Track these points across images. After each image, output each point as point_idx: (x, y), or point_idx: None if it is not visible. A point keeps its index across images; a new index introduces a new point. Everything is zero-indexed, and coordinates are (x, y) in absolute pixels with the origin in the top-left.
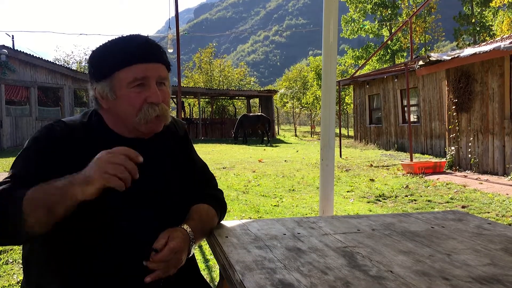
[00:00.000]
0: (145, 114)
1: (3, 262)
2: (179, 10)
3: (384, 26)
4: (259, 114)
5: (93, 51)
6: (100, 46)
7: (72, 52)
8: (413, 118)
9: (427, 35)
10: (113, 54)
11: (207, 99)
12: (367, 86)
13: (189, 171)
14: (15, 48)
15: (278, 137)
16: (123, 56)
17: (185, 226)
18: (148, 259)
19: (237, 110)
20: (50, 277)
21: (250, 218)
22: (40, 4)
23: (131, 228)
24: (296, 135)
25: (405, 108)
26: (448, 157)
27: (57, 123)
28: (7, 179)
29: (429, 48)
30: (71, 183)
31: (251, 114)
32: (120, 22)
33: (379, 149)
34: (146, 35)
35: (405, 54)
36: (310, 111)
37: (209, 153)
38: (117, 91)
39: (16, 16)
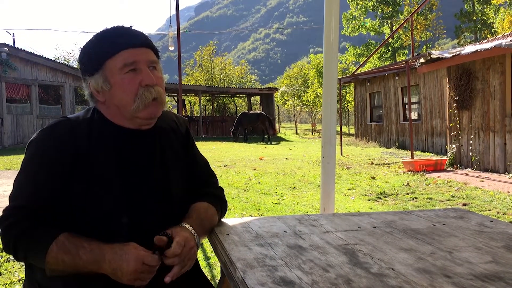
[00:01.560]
0: (142, 98)
1: (4, 260)
2: (180, 8)
3: (385, 24)
4: (259, 112)
5: (81, 49)
6: (87, 42)
7: (72, 50)
8: (414, 115)
9: (428, 33)
10: (99, 46)
11: (208, 97)
12: (368, 83)
13: (190, 167)
14: (16, 46)
15: (279, 135)
16: (110, 45)
17: (186, 225)
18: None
19: (238, 108)
20: (50, 277)
21: (251, 216)
22: (41, 2)
23: (135, 222)
24: (297, 133)
25: (406, 105)
26: (449, 155)
27: (60, 121)
28: (20, 205)
29: (430, 45)
30: (98, 265)
31: (250, 112)
32: (121, 20)
33: (380, 147)
34: (147, 33)
35: (406, 51)
36: (311, 108)
37: (210, 151)
38: (110, 79)
39: (17, 14)
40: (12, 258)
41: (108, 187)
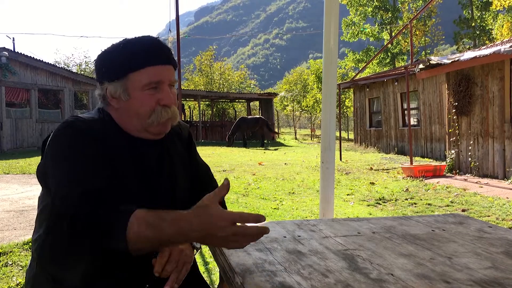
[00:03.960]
0: (158, 116)
1: (2, 264)
2: (180, 13)
3: (384, 30)
4: (258, 116)
5: (103, 51)
6: (111, 46)
7: (72, 54)
8: (413, 121)
9: (427, 39)
10: (126, 56)
11: (207, 102)
12: (367, 89)
13: (193, 172)
14: (16, 50)
15: (278, 140)
16: (137, 57)
17: None
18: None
19: (237, 113)
20: (68, 268)
21: None
22: (41, 7)
23: None
24: (296, 138)
25: (405, 111)
26: (448, 161)
27: (77, 119)
28: (78, 197)
29: (429, 51)
30: (186, 237)
31: (249, 117)
32: (121, 25)
33: (379, 152)
34: None
35: (405, 57)
36: (310, 114)
37: (209, 155)
38: (131, 92)
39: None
40: (11, 262)
41: (124, 187)
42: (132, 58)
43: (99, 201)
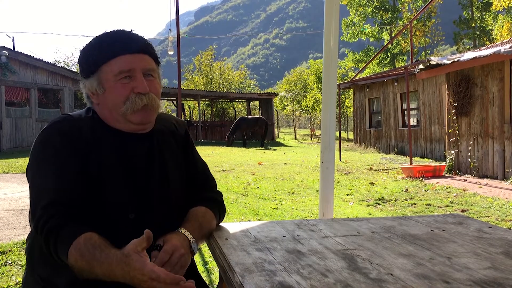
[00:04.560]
0: (132, 104)
1: (1, 263)
2: (180, 12)
3: (384, 30)
4: (258, 116)
5: (80, 50)
6: (86, 44)
7: (72, 54)
8: (413, 121)
9: (427, 39)
10: (97, 49)
11: (207, 102)
12: (367, 89)
13: (190, 170)
14: (16, 50)
15: (278, 140)
16: (107, 49)
17: (183, 230)
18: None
19: (237, 113)
20: (55, 269)
21: (250, 221)
22: (41, 6)
23: (135, 223)
24: (296, 138)
25: (405, 111)
26: (447, 161)
27: (64, 118)
28: (47, 203)
29: (429, 52)
30: (111, 279)
31: (249, 116)
32: (121, 25)
33: (379, 153)
34: (147, 37)
35: (405, 57)
36: (310, 114)
37: (208, 155)
38: (105, 84)
39: (16, 18)
40: (10, 261)
41: (112, 183)
42: (102, 50)
43: (61, 212)
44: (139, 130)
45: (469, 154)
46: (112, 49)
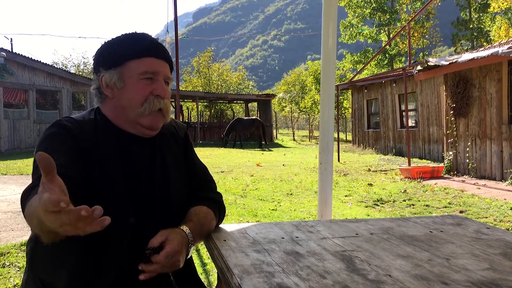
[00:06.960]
0: (150, 105)
1: (0, 265)
2: (178, 14)
3: (382, 31)
4: (254, 118)
5: (104, 43)
6: (112, 38)
7: (70, 55)
8: (411, 122)
9: (425, 40)
10: (126, 45)
11: (205, 103)
12: (365, 90)
13: (190, 172)
14: (14, 51)
15: (276, 141)
16: (137, 47)
17: (184, 228)
18: (144, 259)
19: (235, 114)
20: (54, 272)
21: (248, 222)
22: (39, 7)
23: (135, 224)
24: (294, 139)
25: (403, 112)
26: (446, 162)
27: (67, 119)
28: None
29: (427, 53)
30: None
31: (245, 118)
32: (119, 26)
33: (377, 154)
34: None
35: (403, 59)
36: (308, 115)
37: (207, 156)
38: (126, 79)
39: (14, 19)
40: (8, 263)
41: (112, 186)
42: (133, 47)
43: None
44: (146, 134)
45: (467, 155)
46: (142, 48)
